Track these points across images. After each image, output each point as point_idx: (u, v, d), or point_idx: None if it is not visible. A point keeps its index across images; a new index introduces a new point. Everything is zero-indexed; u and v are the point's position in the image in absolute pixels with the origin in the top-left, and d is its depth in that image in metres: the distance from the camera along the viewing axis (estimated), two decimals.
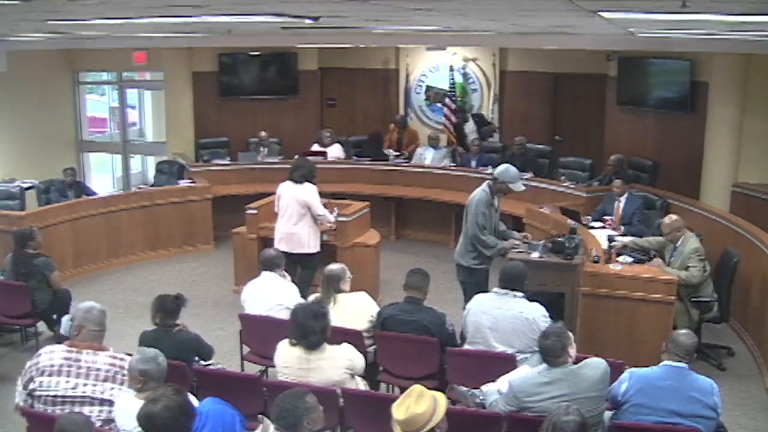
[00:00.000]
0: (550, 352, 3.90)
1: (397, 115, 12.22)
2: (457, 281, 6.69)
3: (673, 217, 6.50)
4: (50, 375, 3.98)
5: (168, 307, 4.73)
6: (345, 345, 4.51)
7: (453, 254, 6.69)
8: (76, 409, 3.90)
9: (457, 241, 9.56)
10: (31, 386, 4.03)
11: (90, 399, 3.94)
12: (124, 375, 3.99)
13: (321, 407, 3.39)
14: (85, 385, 3.95)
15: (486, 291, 5.43)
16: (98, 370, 3.97)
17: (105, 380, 3.97)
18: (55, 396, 3.96)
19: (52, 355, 4.04)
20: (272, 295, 5.53)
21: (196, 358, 4.78)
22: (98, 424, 3.92)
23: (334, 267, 5.36)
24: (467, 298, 5.71)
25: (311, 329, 4.33)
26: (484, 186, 6.48)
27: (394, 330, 5.05)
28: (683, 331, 4.12)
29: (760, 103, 8.70)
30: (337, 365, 4.39)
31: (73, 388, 3.94)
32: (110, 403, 3.94)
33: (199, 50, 11.76)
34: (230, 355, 6.03)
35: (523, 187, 6.58)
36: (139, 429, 3.62)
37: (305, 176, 7.19)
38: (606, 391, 3.98)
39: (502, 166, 6.52)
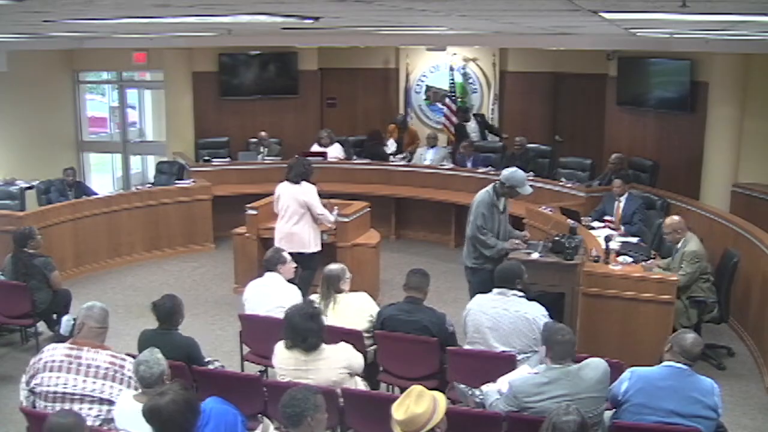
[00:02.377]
0: (569, 348, 3.90)
1: (397, 115, 12.23)
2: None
3: (675, 218, 6.49)
4: (51, 371, 4.01)
5: (164, 312, 4.71)
6: (342, 344, 4.51)
7: (453, 254, 6.70)
8: (76, 406, 3.91)
9: (456, 240, 9.60)
10: (33, 383, 4.05)
11: (90, 397, 3.95)
12: (123, 375, 4.01)
13: (326, 415, 3.40)
14: (84, 382, 3.96)
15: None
16: (98, 367, 3.99)
17: (104, 378, 3.98)
18: (55, 393, 3.98)
19: (53, 352, 4.07)
20: (274, 296, 5.52)
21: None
22: (98, 423, 3.93)
23: (333, 267, 5.36)
24: (471, 298, 5.70)
25: (310, 332, 4.33)
26: (489, 188, 6.51)
27: (394, 330, 5.04)
28: (691, 335, 4.03)
29: (760, 103, 8.70)
30: (335, 365, 4.39)
31: (74, 385, 3.96)
32: (110, 402, 3.94)
33: (199, 50, 11.78)
34: (230, 355, 6.02)
35: (530, 190, 6.61)
36: (137, 429, 3.64)
37: (300, 175, 7.19)
38: (606, 392, 3.97)
39: (509, 170, 6.54)
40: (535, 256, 6.42)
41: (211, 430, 3.38)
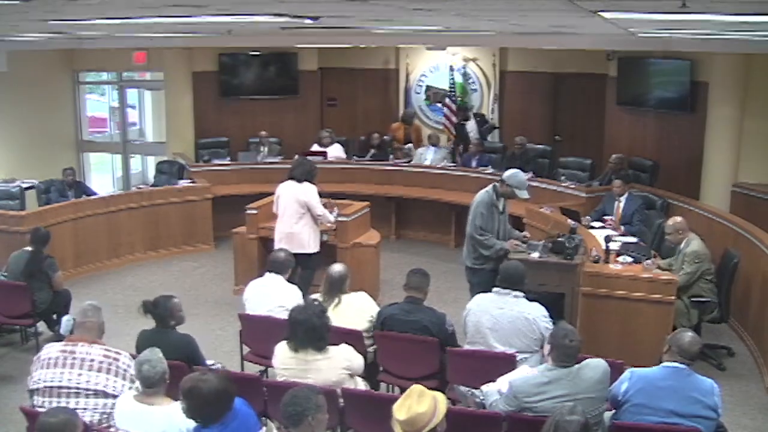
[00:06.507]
0: (573, 353, 3.90)
1: (402, 112, 12.22)
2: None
3: (677, 219, 6.50)
4: (47, 368, 4.07)
5: (159, 313, 4.71)
6: (343, 345, 4.51)
7: (453, 254, 6.70)
8: (73, 400, 3.96)
9: (456, 240, 9.61)
10: (30, 381, 4.11)
11: (86, 390, 3.99)
12: (118, 367, 4.07)
13: (327, 415, 3.42)
14: (79, 375, 4.02)
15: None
16: (92, 361, 4.06)
17: (99, 371, 4.03)
18: (51, 387, 4.03)
19: (50, 350, 4.15)
20: (275, 296, 5.51)
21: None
22: (96, 417, 3.96)
23: (339, 269, 5.31)
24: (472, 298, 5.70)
25: (321, 334, 4.34)
26: (489, 188, 6.53)
27: (394, 330, 5.04)
28: (689, 334, 4.04)
29: (760, 103, 8.70)
30: (336, 366, 4.39)
31: (69, 379, 4.01)
32: (105, 395, 3.99)
33: (199, 50, 11.78)
34: (230, 355, 6.02)
35: (528, 196, 6.61)
36: (137, 430, 3.65)
37: (304, 174, 7.19)
38: (606, 392, 3.98)
39: (512, 171, 6.56)
40: (535, 256, 6.42)
41: (235, 428, 3.41)
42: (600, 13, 3.97)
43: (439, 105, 12.26)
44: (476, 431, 4.04)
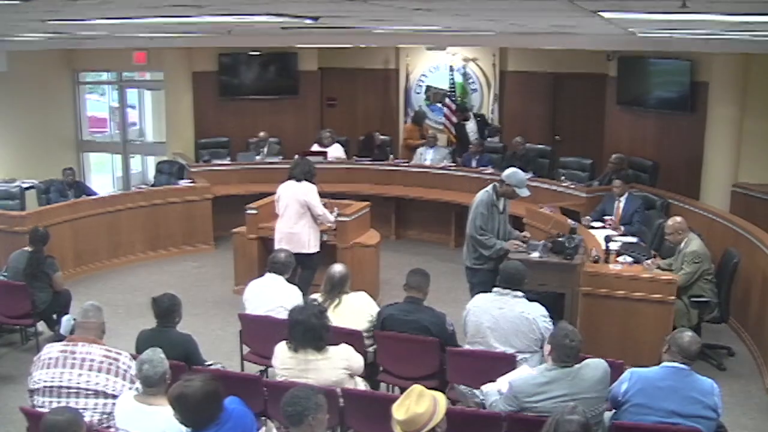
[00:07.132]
0: (573, 353, 3.90)
1: (410, 113, 12.20)
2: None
3: (677, 219, 6.50)
4: (48, 368, 4.07)
5: (162, 308, 4.72)
6: (343, 345, 4.51)
7: (453, 254, 6.70)
8: (72, 400, 3.96)
9: (456, 241, 9.61)
10: (31, 381, 4.11)
11: (86, 390, 4.00)
12: (118, 367, 4.08)
13: (328, 415, 3.41)
14: (80, 375, 4.02)
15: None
16: (92, 360, 4.06)
17: (99, 370, 4.04)
18: (51, 387, 4.03)
19: (50, 350, 4.16)
20: (275, 296, 5.51)
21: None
22: (96, 416, 3.97)
23: (340, 269, 5.30)
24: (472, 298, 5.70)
25: (320, 334, 4.34)
26: (489, 187, 6.54)
27: (394, 330, 5.04)
28: (688, 334, 4.04)
29: (760, 103, 8.70)
30: (335, 365, 4.39)
31: (69, 379, 4.02)
32: (105, 395, 4.00)
33: (199, 50, 11.78)
34: (230, 355, 6.02)
35: (528, 193, 6.62)
36: (137, 430, 3.65)
37: (304, 173, 7.20)
38: (606, 392, 3.98)
39: (511, 170, 6.57)
40: (535, 256, 6.42)
41: (230, 429, 3.40)
42: (600, 13, 3.96)
43: (439, 105, 12.26)
44: (476, 431, 4.04)
